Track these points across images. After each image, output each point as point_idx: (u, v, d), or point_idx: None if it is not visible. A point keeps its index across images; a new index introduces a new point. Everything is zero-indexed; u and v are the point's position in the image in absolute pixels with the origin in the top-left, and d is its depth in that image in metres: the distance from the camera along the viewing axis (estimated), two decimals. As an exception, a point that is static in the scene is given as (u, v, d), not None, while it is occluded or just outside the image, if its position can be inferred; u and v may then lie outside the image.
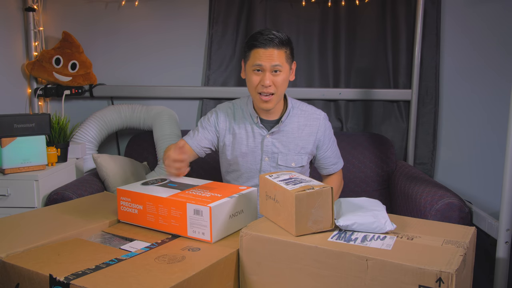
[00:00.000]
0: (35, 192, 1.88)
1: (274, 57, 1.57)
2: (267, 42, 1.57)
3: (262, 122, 1.71)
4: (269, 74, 1.59)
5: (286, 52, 1.61)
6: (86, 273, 1.00)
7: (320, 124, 1.73)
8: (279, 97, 1.63)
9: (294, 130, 1.71)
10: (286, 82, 1.63)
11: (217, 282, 1.11)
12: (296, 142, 1.71)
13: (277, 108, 1.70)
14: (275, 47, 1.57)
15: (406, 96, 2.51)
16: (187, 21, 2.58)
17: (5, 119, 1.87)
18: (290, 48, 1.64)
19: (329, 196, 1.14)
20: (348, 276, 1.04)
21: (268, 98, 1.61)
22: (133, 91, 2.56)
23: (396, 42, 2.51)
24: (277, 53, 1.58)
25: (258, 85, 1.60)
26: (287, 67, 1.62)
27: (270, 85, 1.59)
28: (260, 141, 1.71)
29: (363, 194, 2.31)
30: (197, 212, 1.21)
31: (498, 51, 2.51)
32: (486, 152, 2.58)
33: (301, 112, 1.73)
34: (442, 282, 0.94)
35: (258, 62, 1.58)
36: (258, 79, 1.60)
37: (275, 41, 1.57)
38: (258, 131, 1.71)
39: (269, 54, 1.57)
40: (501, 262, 1.55)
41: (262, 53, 1.58)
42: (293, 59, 1.67)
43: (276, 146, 1.70)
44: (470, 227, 1.21)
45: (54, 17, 2.57)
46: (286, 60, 1.61)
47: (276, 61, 1.57)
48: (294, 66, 1.69)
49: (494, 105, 2.54)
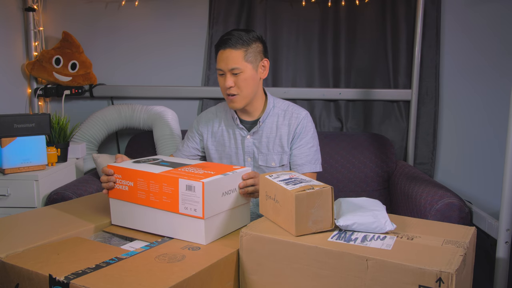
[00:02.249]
0: (35, 192, 1.88)
1: (229, 59, 1.58)
2: (224, 42, 1.59)
3: (242, 123, 1.72)
4: (229, 76, 1.60)
5: (247, 51, 1.59)
6: (86, 272, 1.00)
7: (299, 122, 1.70)
8: (245, 97, 1.63)
9: (273, 130, 1.71)
10: (250, 82, 1.61)
11: (217, 282, 1.11)
12: (275, 141, 1.70)
13: (256, 108, 1.71)
14: (232, 47, 1.58)
15: (406, 96, 2.51)
16: (187, 21, 2.58)
17: (5, 119, 1.87)
18: (256, 46, 1.62)
19: (329, 196, 1.14)
20: (348, 276, 1.04)
21: (233, 97, 1.62)
22: (133, 91, 2.56)
23: (396, 42, 2.51)
24: (235, 54, 1.58)
25: (224, 87, 1.62)
26: (249, 66, 1.60)
27: (232, 86, 1.60)
28: (241, 142, 1.72)
29: (363, 194, 2.31)
30: (190, 187, 1.19)
31: (498, 51, 2.51)
32: (486, 152, 2.58)
33: (281, 112, 1.72)
34: (442, 282, 0.94)
35: (218, 66, 1.62)
36: (222, 81, 1.62)
37: (231, 41, 1.57)
38: (239, 132, 1.72)
39: (226, 56, 1.58)
40: (501, 262, 1.55)
41: (220, 56, 1.60)
42: (263, 56, 1.66)
43: (256, 146, 1.71)
44: (470, 227, 1.21)
45: (54, 17, 2.57)
46: (246, 59, 1.59)
47: (232, 64, 1.58)
48: (266, 64, 1.67)
49: (494, 105, 2.54)
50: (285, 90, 2.51)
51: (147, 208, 1.28)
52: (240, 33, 1.59)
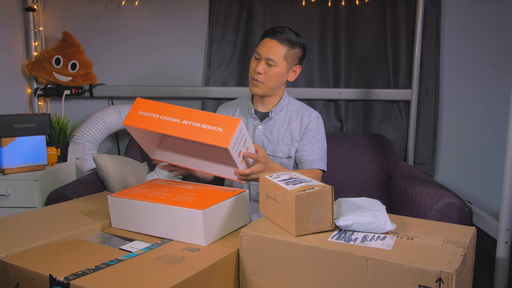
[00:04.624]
0: (35, 192, 1.88)
1: (271, 50, 1.66)
2: (275, 33, 1.66)
3: (256, 114, 1.79)
4: (263, 63, 1.67)
5: (289, 51, 1.67)
6: (86, 273, 1.00)
7: (310, 120, 1.77)
8: (268, 88, 1.70)
9: (285, 123, 1.77)
10: (278, 77, 1.69)
11: (217, 282, 1.11)
12: (285, 133, 1.76)
13: (272, 100, 1.78)
14: (279, 40, 1.65)
15: (406, 96, 2.51)
16: (187, 21, 2.58)
17: (5, 119, 1.87)
18: (298, 51, 1.70)
19: (329, 196, 1.14)
20: (348, 276, 1.04)
21: (257, 83, 1.69)
22: (133, 91, 2.56)
23: (396, 42, 2.51)
24: (278, 48, 1.65)
25: (253, 70, 1.69)
26: (284, 64, 1.68)
27: (261, 73, 1.67)
28: (253, 130, 1.78)
29: (363, 194, 2.30)
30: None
31: (498, 50, 2.51)
32: (486, 152, 2.58)
33: (295, 109, 1.80)
34: (442, 282, 0.94)
35: (258, 49, 1.69)
36: (254, 65, 1.69)
37: (282, 35, 1.65)
38: (252, 121, 1.79)
39: (270, 45, 1.66)
40: (501, 262, 1.55)
41: (265, 43, 1.67)
42: (298, 62, 1.74)
43: (266, 136, 1.76)
44: (470, 227, 1.21)
45: (54, 17, 2.57)
46: (284, 57, 1.67)
47: (271, 55, 1.65)
48: (298, 69, 1.75)
49: (494, 105, 2.54)
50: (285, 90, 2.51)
51: (146, 209, 1.28)
52: (291, 33, 1.67)
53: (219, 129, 1.28)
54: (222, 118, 1.31)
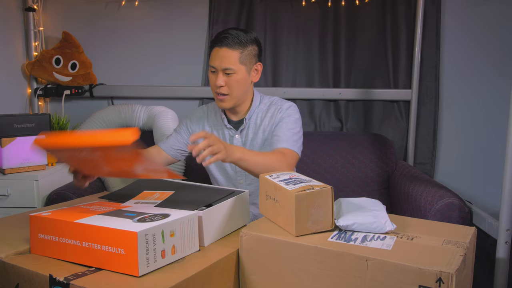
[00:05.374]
0: (35, 192, 1.88)
1: (225, 59, 1.56)
2: (221, 40, 1.56)
3: (230, 123, 1.71)
4: (221, 75, 1.58)
5: (243, 53, 1.58)
6: (86, 274, 1.00)
7: (281, 111, 1.67)
8: (234, 98, 1.62)
9: (258, 123, 1.70)
10: (241, 84, 1.60)
11: (217, 282, 1.11)
12: (259, 135, 1.69)
13: (243, 108, 1.70)
14: (229, 46, 1.56)
15: (406, 96, 2.51)
16: (187, 21, 2.58)
17: (5, 119, 1.87)
18: (252, 49, 1.61)
19: (329, 196, 1.14)
20: (348, 276, 1.04)
21: (223, 97, 1.61)
22: (133, 91, 2.56)
23: (396, 42, 2.51)
24: (230, 54, 1.56)
25: (214, 85, 1.61)
26: (242, 68, 1.59)
27: (223, 86, 1.59)
28: (229, 141, 1.71)
29: (363, 194, 2.30)
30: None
31: (498, 50, 2.51)
32: (486, 152, 2.58)
33: (265, 107, 1.72)
34: (442, 282, 0.94)
35: (211, 63, 1.60)
36: (214, 79, 1.60)
37: (228, 40, 1.55)
38: (227, 132, 1.72)
39: (221, 55, 1.56)
40: (501, 262, 1.55)
41: (215, 53, 1.58)
42: (258, 60, 1.65)
43: (245, 144, 1.70)
44: (470, 227, 1.21)
45: (54, 17, 2.57)
46: (240, 61, 1.58)
47: (226, 64, 1.56)
48: (259, 68, 1.66)
49: (494, 105, 2.54)
50: (285, 90, 2.51)
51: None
52: (238, 33, 1.57)
53: None
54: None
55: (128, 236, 0.97)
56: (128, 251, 0.98)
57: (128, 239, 0.97)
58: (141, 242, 0.97)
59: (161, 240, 1.03)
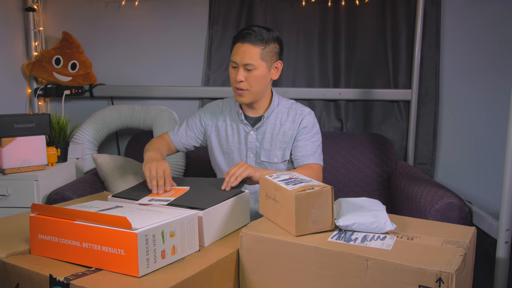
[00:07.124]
0: (35, 192, 1.88)
1: (246, 54, 1.59)
2: (244, 36, 1.59)
3: (246, 119, 1.73)
4: (242, 70, 1.61)
5: (264, 50, 1.60)
6: (86, 274, 1.00)
7: (303, 117, 1.72)
8: (253, 94, 1.65)
9: (277, 126, 1.72)
10: (261, 80, 1.63)
11: (217, 282, 1.11)
12: (278, 137, 1.71)
13: (261, 105, 1.73)
14: (251, 42, 1.59)
15: (406, 96, 2.51)
16: (187, 21, 2.58)
17: (5, 119, 1.87)
18: (274, 47, 1.64)
19: (329, 196, 1.14)
20: (348, 276, 1.04)
21: (242, 92, 1.64)
22: (133, 91, 2.56)
23: (396, 42, 2.51)
24: (252, 50, 1.59)
25: (234, 80, 1.63)
26: (263, 65, 1.61)
27: (243, 81, 1.62)
28: (244, 137, 1.73)
29: (363, 194, 2.30)
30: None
31: (498, 50, 2.51)
32: (486, 152, 2.58)
33: (285, 109, 1.74)
34: (442, 282, 0.94)
35: (232, 58, 1.63)
36: (234, 74, 1.63)
37: (251, 36, 1.58)
38: (243, 127, 1.74)
39: (243, 50, 1.59)
40: (501, 262, 1.55)
41: (238, 49, 1.61)
42: (278, 58, 1.67)
43: (259, 142, 1.72)
44: (470, 227, 1.21)
45: (54, 17, 2.57)
46: (262, 58, 1.60)
47: (247, 60, 1.59)
48: (279, 66, 1.69)
49: (494, 105, 2.54)
50: (285, 90, 2.51)
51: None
52: (261, 30, 1.60)
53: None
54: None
55: (128, 237, 0.97)
56: (128, 252, 0.98)
57: (128, 240, 0.97)
58: (141, 243, 0.97)
59: (161, 241, 1.03)
